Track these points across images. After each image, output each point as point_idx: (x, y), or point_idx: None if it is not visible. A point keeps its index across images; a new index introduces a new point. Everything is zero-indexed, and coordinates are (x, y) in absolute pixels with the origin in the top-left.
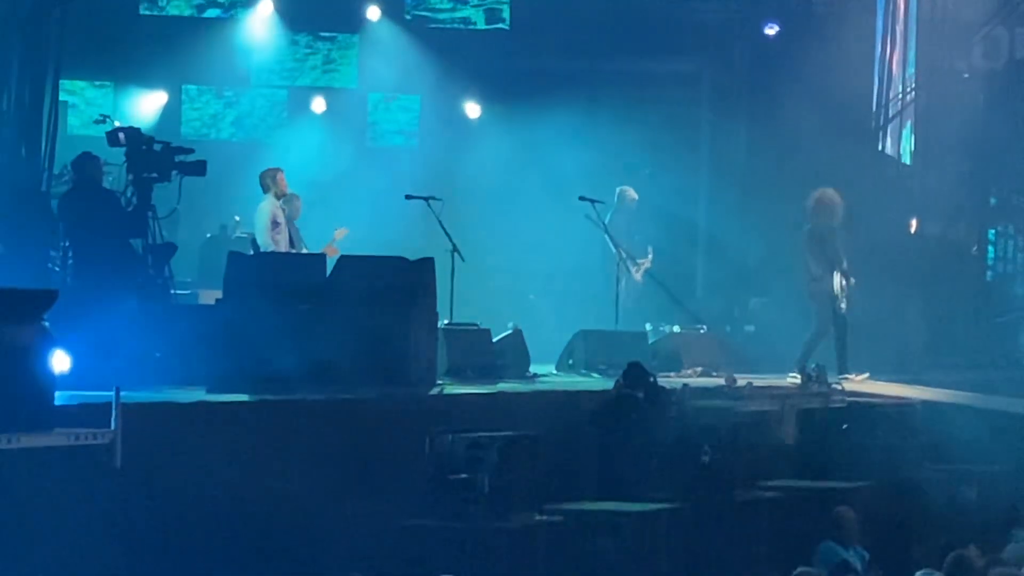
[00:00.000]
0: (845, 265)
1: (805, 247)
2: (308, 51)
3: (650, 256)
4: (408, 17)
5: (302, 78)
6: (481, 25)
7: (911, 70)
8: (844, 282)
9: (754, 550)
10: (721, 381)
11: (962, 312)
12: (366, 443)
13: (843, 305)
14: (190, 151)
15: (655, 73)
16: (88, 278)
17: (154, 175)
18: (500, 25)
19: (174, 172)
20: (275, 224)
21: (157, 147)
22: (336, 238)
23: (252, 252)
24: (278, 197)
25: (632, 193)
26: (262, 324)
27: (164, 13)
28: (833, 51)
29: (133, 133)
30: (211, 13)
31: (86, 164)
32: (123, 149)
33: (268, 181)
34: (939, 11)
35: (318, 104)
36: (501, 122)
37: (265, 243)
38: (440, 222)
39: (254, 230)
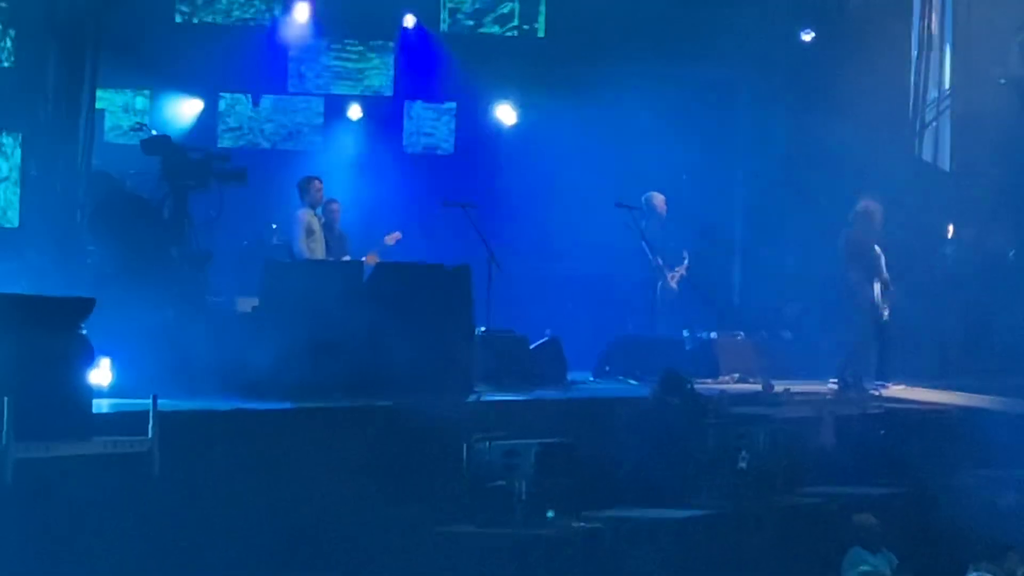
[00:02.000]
0: (885, 274)
1: (843, 254)
2: (344, 58)
3: (686, 262)
4: (445, 28)
5: (338, 85)
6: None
7: (947, 76)
8: (884, 290)
9: (792, 556)
10: (758, 387)
11: (999, 317)
12: (403, 450)
13: (885, 313)
14: (228, 159)
15: (692, 79)
16: (125, 286)
17: (191, 183)
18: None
19: (212, 180)
20: (309, 232)
21: (195, 155)
22: (387, 243)
23: (288, 260)
24: (313, 206)
25: (660, 198)
26: (298, 332)
27: (203, 20)
28: (869, 57)
29: (164, 141)
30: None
31: (101, 183)
32: (159, 157)
33: (303, 190)
34: (975, 17)
35: (354, 111)
36: (537, 129)
37: (299, 251)
38: (477, 229)
39: (289, 238)
